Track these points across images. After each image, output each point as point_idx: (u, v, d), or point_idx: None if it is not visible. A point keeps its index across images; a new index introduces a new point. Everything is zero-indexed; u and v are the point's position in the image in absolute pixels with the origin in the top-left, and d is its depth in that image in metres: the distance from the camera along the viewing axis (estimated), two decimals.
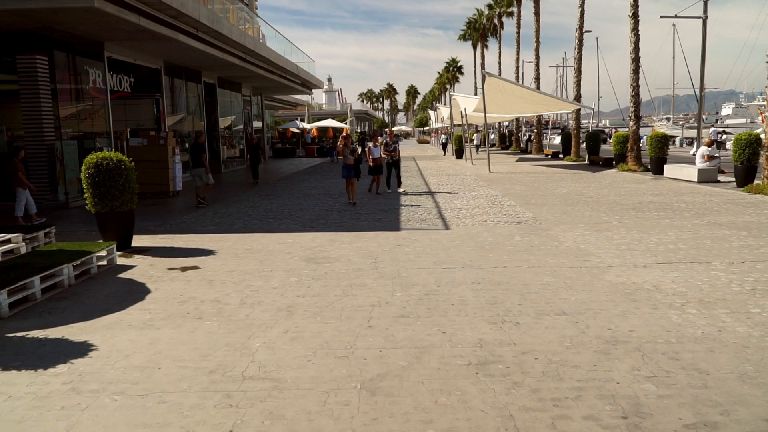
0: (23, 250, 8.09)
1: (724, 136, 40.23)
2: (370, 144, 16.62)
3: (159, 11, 13.95)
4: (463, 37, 59.93)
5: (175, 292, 6.58)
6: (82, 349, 4.88)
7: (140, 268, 7.81)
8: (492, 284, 6.62)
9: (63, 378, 4.30)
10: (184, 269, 7.67)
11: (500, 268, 7.38)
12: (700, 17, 21.26)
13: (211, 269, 7.64)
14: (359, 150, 14.87)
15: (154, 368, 4.45)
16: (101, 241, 8.80)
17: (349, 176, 14.31)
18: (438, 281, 6.79)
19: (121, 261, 8.26)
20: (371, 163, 16.01)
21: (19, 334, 5.32)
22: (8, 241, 7.91)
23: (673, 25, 55.20)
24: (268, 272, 7.40)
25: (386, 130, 19.57)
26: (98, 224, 9.05)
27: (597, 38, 57.73)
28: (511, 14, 45.62)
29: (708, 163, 18.30)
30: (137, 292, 6.67)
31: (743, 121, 63.02)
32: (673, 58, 54.46)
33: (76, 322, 5.61)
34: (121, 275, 7.47)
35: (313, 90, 42.71)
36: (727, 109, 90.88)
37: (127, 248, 9.05)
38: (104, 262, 7.97)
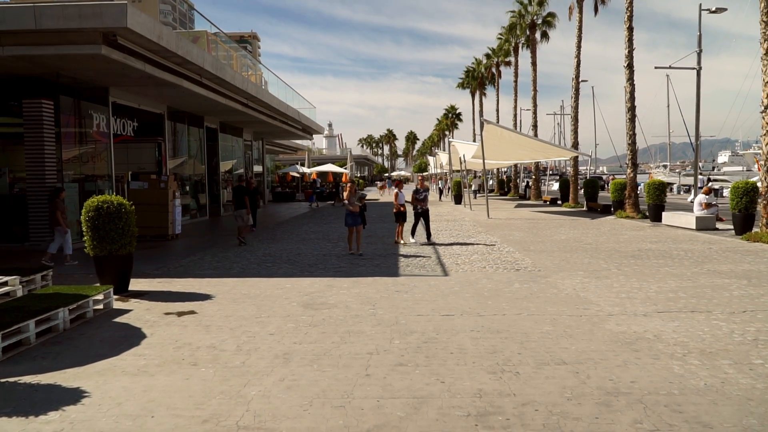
0: (20, 293, 8.04)
1: (718, 185, 40.48)
2: (396, 189, 15.75)
3: (164, 58, 14.24)
4: (462, 85, 61.11)
5: (170, 338, 6.50)
6: (74, 396, 4.79)
7: (136, 312, 7.74)
8: (491, 332, 6.55)
9: (54, 426, 4.21)
10: (180, 314, 7.60)
11: (499, 315, 7.32)
12: (693, 68, 21.71)
13: (207, 314, 7.58)
14: (366, 196, 14.07)
15: (147, 416, 4.36)
16: (98, 284, 8.75)
17: (354, 224, 13.17)
18: (437, 329, 6.72)
19: (117, 305, 8.19)
20: (396, 209, 15.21)
21: (12, 379, 5.23)
22: (5, 283, 7.87)
23: (667, 76, 56.35)
24: (265, 318, 7.34)
25: (419, 176, 18.67)
26: (96, 267, 9.02)
27: (593, 87, 59.00)
28: (508, 64, 46.59)
29: (706, 210, 18.38)
30: (132, 336, 6.60)
31: (740, 168, 63.61)
32: (668, 107, 55.44)
33: (70, 368, 5.53)
34: (117, 319, 7.40)
35: (314, 135, 43.25)
36: (723, 157, 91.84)
37: (124, 292, 9.00)
38: (100, 306, 7.90)
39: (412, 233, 15.64)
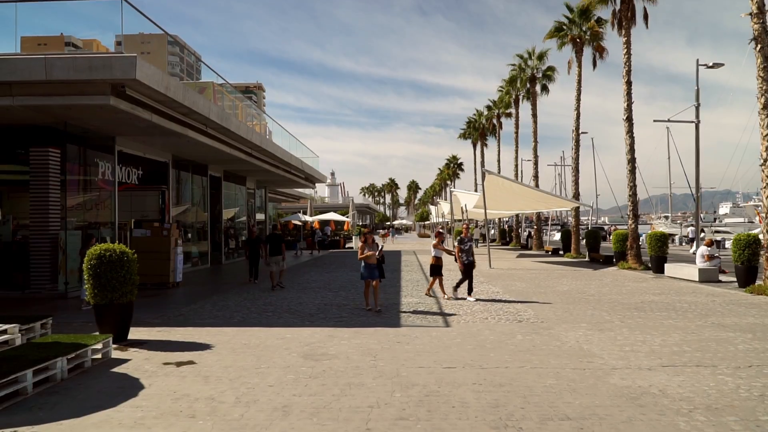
0: (18, 342, 7.98)
1: (720, 237, 40.45)
2: (436, 240, 14.47)
3: (171, 109, 14.52)
4: (464, 136, 61.90)
5: (169, 389, 6.42)
6: None
7: (135, 362, 7.66)
8: (494, 386, 6.46)
9: None
10: (179, 364, 7.52)
11: (502, 368, 7.23)
12: (692, 122, 21.99)
13: (207, 364, 7.49)
14: (382, 246, 12.61)
15: None
16: (97, 333, 8.69)
17: (371, 277, 11.94)
18: (438, 381, 6.63)
19: (116, 354, 8.11)
20: (433, 261, 14.17)
21: (7, 430, 5.14)
22: (4, 332, 7.82)
23: (667, 128, 57.03)
24: (265, 369, 7.25)
25: (463, 224, 17.14)
26: (96, 316, 8.98)
27: (593, 138, 59.62)
28: (509, 115, 47.30)
29: (709, 262, 18.33)
30: (130, 387, 6.51)
31: (741, 220, 63.70)
32: (668, 158, 55.93)
33: (66, 419, 5.44)
34: (115, 369, 7.32)
35: (316, 184, 43.60)
36: (724, 209, 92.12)
37: (123, 341, 8.92)
38: (99, 356, 7.82)
39: (466, 289, 14.00)
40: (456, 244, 14.21)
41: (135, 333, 9.47)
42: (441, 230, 16.18)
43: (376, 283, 12.04)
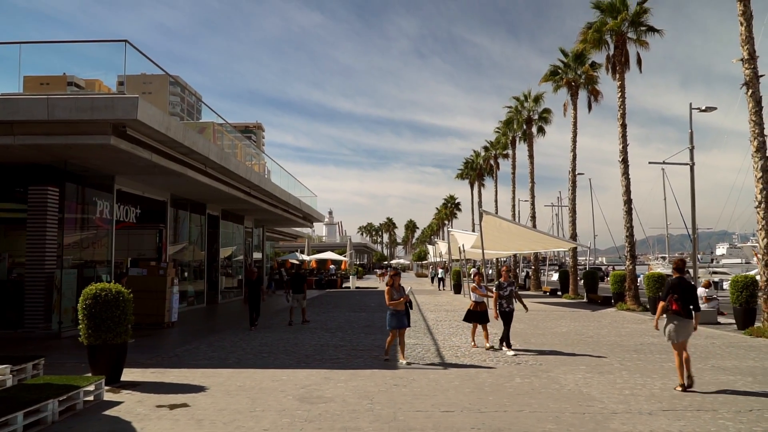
0: (10, 383, 7.84)
1: (718, 278, 40.37)
2: (473, 284, 12.89)
3: (171, 148, 14.63)
4: (461, 176, 62.37)
5: None
6: None
7: (127, 405, 7.53)
8: (492, 430, 6.35)
9: None
10: (172, 407, 7.39)
11: (500, 412, 7.12)
12: (687, 164, 22.22)
13: (201, 407, 7.37)
14: (410, 289, 11.25)
15: None
16: (90, 374, 8.56)
17: (400, 325, 10.67)
18: (436, 426, 6.52)
19: (108, 396, 7.98)
20: (472, 307, 12.62)
21: None
22: None
23: (663, 169, 57.52)
24: (259, 412, 7.13)
25: (503, 266, 13.10)
26: (89, 356, 8.86)
27: (590, 179, 60.06)
28: (506, 156, 47.71)
29: (707, 304, 18.26)
30: (122, 431, 6.38)
31: (739, 261, 63.72)
32: (665, 199, 56.14)
33: None
34: (107, 412, 7.19)
35: (314, 223, 43.65)
36: (721, 249, 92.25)
37: (116, 382, 8.78)
38: (91, 398, 7.69)
39: (506, 341, 12.23)
40: (494, 289, 12.33)
41: (128, 374, 9.34)
42: (478, 269, 13.91)
43: (402, 333, 10.81)
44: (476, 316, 12.55)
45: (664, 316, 8.74)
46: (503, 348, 12.12)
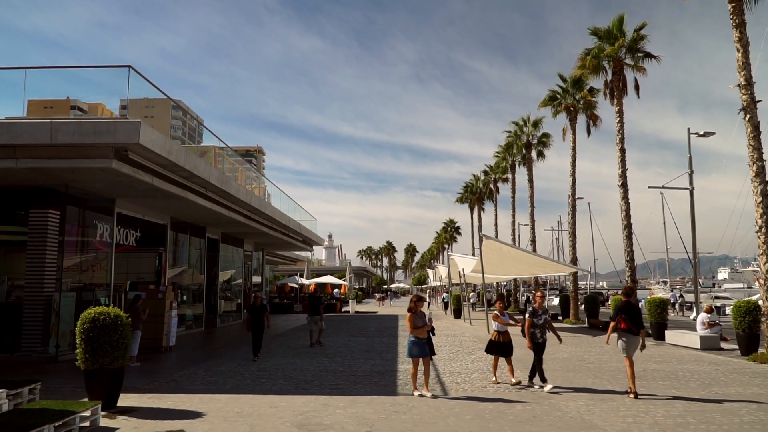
0: (5, 408, 7.75)
1: (720, 303, 40.16)
2: (495, 311, 11.49)
3: (172, 172, 14.68)
4: (461, 200, 62.44)
5: None
6: None
7: (124, 431, 7.42)
8: None
9: None
10: None
11: None
12: (686, 188, 22.27)
13: None
14: (430, 317, 10.25)
15: None
16: (86, 399, 8.46)
17: (423, 354, 9.96)
18: None
19: (104, 422, 7.87)
20: (493, 338, 11.21)
21: None
22: None
23: (662, 194, 57.57)
24: None
25: (536, 292, 13.02)
26: (86, 381, 8.76)
27: (589, 203, 60.31)
28: (506, 180, 47.86)
29: (709, 330, 18.13)
30: None
31: (740, 285, 63.42)
32: (664, 224, 56.10)
33: None
34: None
35: (314, 246, 43.58)
36: (723, 274, 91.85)
37: (112, 408, 8.67)
38: (87, 423, 7.59)
39: (540, 375, 10.68)
40: (527, 316, 10.89)
41: (125, 399, 9.23)
42: (502, 297, 12.73)
43: (426, 362, 10.01)
44: (499, 347, 11.12)
45: (615, 334, 10.22)
46: (534, 384, 10.79)
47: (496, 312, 11.40)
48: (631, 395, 9.66)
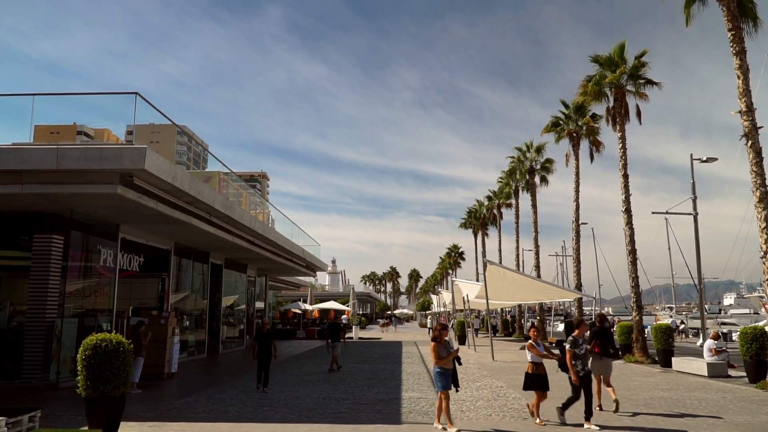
0: None
1: (727, 329, 39.81)
2: (530, 340, 10.44)
3: (177, 198, 14.73)
4: (464, 225, 62.48)
5: None
6: None
7: None
8: None
9: None
10: None
11: None
12: (690, 213, 22.24)
13: None
14: (455, 345, 9.93)
15: None
16: (86, 428, 8.37)
17: (445, 387, 9.30)
18: None
19: None
20: (529, 371, 10.16)
21: None
22: None
23: (666, 219, 57.36)
24: None
25: (578, 319, 12.33)
26: (86, 409, 8.66)
27: (593, 229, 59.88)
28: (509, 205, 47.91)
29: (716, 356, 17.93)
30: None
31: (746, 311, 62.90)
32: (669, 249, 55.72)
33: None
34: None
35: (317, 272, 43.49)
36: (729, 299, 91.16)
37: None
38: None
39: (586, 412, 9.71)
40: (567, 347, 9.93)
41: (126, 428, 9.13)
42: (536, 326, 11.10)
43: (446, 395, 9.35)
44: (538, 381, 10.00)
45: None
46: (586, 424, 9.57)
47: (530, 342, 10.30)
48: (597, 408, 10.90)
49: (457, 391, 9.76)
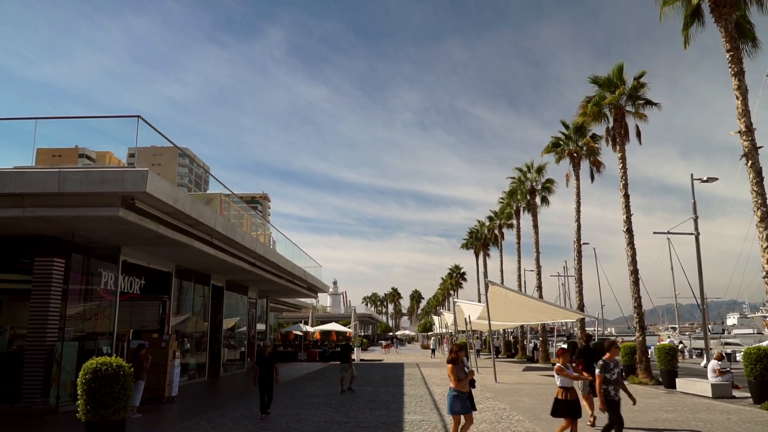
0: None
1: (731, 349, 39.54)
2: (559, 363, 9.71)
3: (178, 220, 14.75)
4: (466, 246, 62.41)
5: None
6: None
7: None
8: None
9: None
10: None
11: None
12: (691, 233, 22.23)
13: None
14: (471, 368, 9.31)
15: None
16: None
17: (465, 410, 9.02)
18: None
19: None
20: (560, 395, 9.45)
21: None
22: None
23: (668, 239, 57.28)
24: None
25: (611, 340, 12.24)
26: None
27: (594, 249, 60.00)
28: (511, 226, 47.89)
29: (721, 377, 17.79)
30: None
31: (750, 331, 62.57)
32: (671, 269, 55.52)
33: None
34: None
35: (318, 293, 43.36)
36: (732, 320, 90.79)
37: None
38: None
39: None
40: (597, 371, 9.04)
41: None
42: (566, 349, 10.40)
43: (468, 418, 9.03)
44: (569, 407, 9.34)
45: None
46: None
47: (559, 365, 9.54)
48: (589, 423, 11.63)
49: (474, 411, 9.26)
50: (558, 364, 9.59)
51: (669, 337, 50.41)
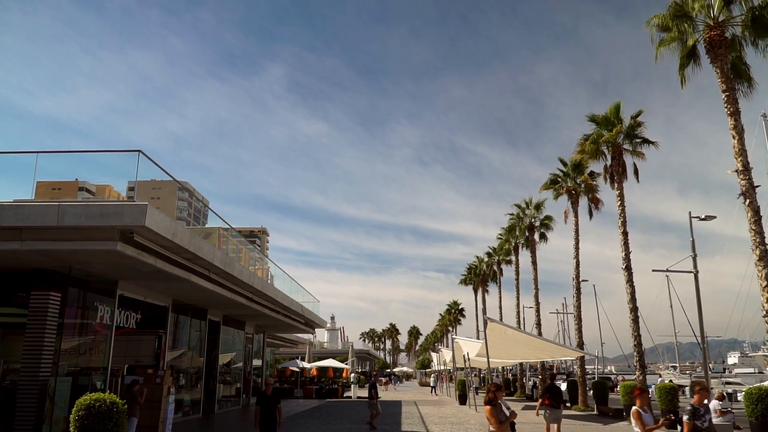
0: None
1: (732, 389, 39.05)
2: (635, 406, 8.36)
3: (176, 254, 14.72)
4: (464, 282, 62.20)
5: None
6: None
7: None
8: None
9: None
10: None
11: None
12: (690, 272, 22.16)
13: None
14: (512, 409, 8.74)
15: None
16: None
17: None
18: None
19: None
20: None
21: None
22: None
23: (667, 276, 57.19)
24: None
25: (697, 387, 8.12)
26: None
27: (594, 285, 59.80)
28: (509, 262, 47.80)
29: (722, 418, 17.53)
30: None
31: (751, 370, 61.84)
32: (671, 307, 55.36)
33: None
34: None
35: (316, 328, 43.01)
36: (733, 358, 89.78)
37: None
38: None
39: None
40: (686, 418, 7.84)
41: None
42: (643, 389, 9.53)
43: None
44: None
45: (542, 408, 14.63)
46: None
47: (636, 408, 8.31)
48: None
49: None
50: (635, 408, 8.34)
51: (660, 376, 49.85)
